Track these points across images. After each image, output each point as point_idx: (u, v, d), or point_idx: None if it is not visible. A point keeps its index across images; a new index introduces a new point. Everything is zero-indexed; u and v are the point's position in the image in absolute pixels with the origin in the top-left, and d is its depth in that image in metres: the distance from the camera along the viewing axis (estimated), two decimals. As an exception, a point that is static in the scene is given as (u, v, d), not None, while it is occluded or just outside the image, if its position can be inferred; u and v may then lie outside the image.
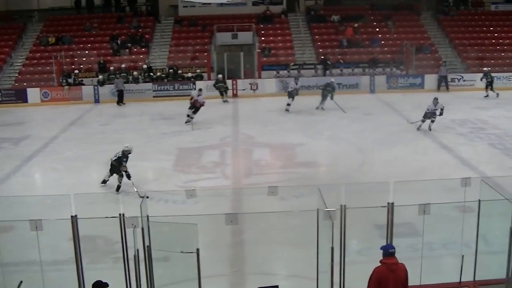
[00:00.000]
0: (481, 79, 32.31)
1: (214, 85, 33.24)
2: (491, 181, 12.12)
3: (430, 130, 24.21)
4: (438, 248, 12.36)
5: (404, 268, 8.66)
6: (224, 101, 32.78)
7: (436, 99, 24.38)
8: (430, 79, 34.50)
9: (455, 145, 22.09)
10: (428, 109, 24.21)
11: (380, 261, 8.59)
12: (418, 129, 24.44)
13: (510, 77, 34.86)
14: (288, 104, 29.15)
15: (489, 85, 32.05)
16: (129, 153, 17.54)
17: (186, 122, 26.67)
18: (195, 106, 26.85)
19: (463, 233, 10.53)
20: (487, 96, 31.94)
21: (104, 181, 17.93)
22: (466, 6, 42.14)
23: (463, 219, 10.52)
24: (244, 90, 34.34)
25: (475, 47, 37.24)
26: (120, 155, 17.41)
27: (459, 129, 24.45)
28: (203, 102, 27.00)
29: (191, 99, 27.23)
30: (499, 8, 41.53)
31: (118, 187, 17.33)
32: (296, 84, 29.75)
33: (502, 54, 37.19)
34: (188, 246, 8.40)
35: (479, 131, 24.16)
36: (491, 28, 39.56)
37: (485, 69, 33.04)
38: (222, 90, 32.91)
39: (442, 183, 14.20)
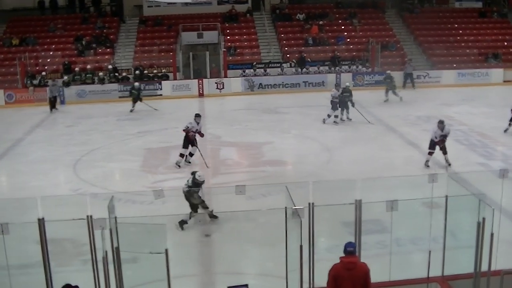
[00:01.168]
0: (383, 81, 31.40)
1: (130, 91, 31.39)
2: (458, 177, 12.23)
3: (449, 165, 19.07)
4: (406, 244, 12.43)
5: (364, 268, 8.64)
6: (131, 111, 29.96)
7: (441, 122, 19.22)
8: (396, 76, 34.68)
9: (421, 142, 22.19)
10: (435, 137, 19.09)
11: (340, 259, 8.60)
12: (427, 165, 19.19)
13: (475, 73, 35.22)
14: (336, 116, 26.10)
15: (391, 88, 30.55)
16: (202, 183, 14.47)
17: (177, 164, 20.16)
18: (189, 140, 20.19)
19: (431, 228, 10.57)
20: (387, 100, 30.60)
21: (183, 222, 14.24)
22: (431, 3, 42.55)
23: (430, 215, 10.56)
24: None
25: (440, 44, 37.59)
26: (190, 184, 14.40)
27: (425, 126, 24.59)
28: (196, 132, 20.37)
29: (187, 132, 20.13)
30: (463, 5, 42.02)
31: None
32: (338, 90, 26.46)
33: (467, 50, 37.55)
34: (157, 247, 8.32)
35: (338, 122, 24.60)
36: (456, 25, 39.97)
37: (387, 71, 32.16)
38: (134, 97, 30.24)
39: (409, 179, 14.29)
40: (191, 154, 20.24)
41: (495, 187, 12.05)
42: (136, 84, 30.96)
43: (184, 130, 19.99)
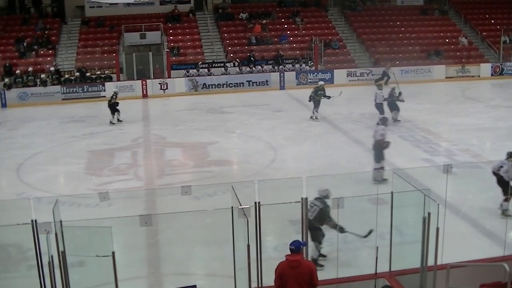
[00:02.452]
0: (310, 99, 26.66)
1: None
2: (403, 173, 12.31)
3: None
4: (353, 241, 12.44)
5: (308, 266, 8.65)
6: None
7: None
8: (340, 74, 34.94)
9: (366, 139, 22.32)
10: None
11: (285, 257, 8.60)
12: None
13: (418, 70, 35.72)
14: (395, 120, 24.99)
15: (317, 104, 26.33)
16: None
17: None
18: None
19: (377, 225, 10.62)
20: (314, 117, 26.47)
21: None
22: (373, 1, 42.94)
23: (376, 211, 10.60)
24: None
25: (383, 42, 37.98)
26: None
27: (369, 123, 24.78)
28: None
29: None
30: (405, 2, 42.60)
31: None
32: (382, 93, 25.12)
33: (410, 48, 38.03)
34: (103, 250, 8.18)
35: (389, 124, 24.58)
36: (398, 23, 40.45)
37: (320, 82, 27.72)
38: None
39: (354, 176, 14.35)
40: None
41: (440, 182, 12.19)
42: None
43: None
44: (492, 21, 41.60)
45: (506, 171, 14.95)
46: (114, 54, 36.08)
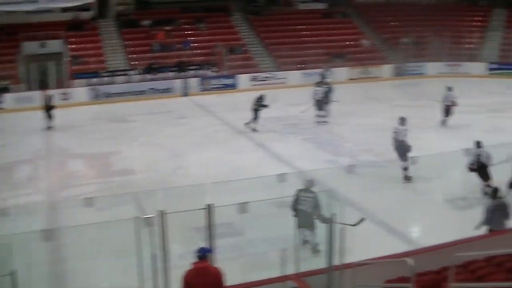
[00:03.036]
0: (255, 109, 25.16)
1: None
2: (306, 175, 12.41)
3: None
4: (260, 245, 12.47)
5: (216, 272, 8.59)
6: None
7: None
8: (243, 79, 35.02)
9: (270, 142, 22.55)
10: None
11: (192, 264, 8.52)
12: None
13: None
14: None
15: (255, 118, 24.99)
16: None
17: None
18: None
19: (282, 228, 10.66)
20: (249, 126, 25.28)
21: None
22: (276, 5, 43.21)
23: (281, 214, 10.65)
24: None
25: (286, 46, 38.25)
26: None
27: (272, 126, 24.95)
28: None
29: None
30: (308, 6, 43.03)
31: None
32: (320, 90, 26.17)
33: (313, 51, 38.42)
34: (3, 268, 7.87)
35: (292, 127, 24.81)
36: (301, 26, 40.86)
37: (261, 93, 26.20)
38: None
39: (259, 180, 14.35)
40: None
41: (344, 183, 12.37)
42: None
43: None
44: (393, 23, 42.58)
45: (488, 157, 16.18)
46: (12, 64, 34.99)
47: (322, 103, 25.99)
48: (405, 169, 17.69)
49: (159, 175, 19.26)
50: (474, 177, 16.46)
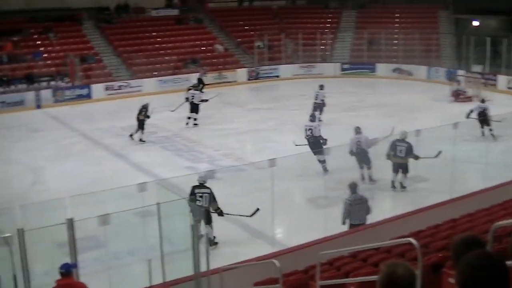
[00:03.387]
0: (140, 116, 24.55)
1: None
2: (167, 183, 12.40)
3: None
4: (125, 256, 12.32)
5: (83, 287, 8.47)
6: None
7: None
8: (97, 89, 34.35)
9: (128, 152, 22.30)
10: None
11: (56, 282, 8.33)
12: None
13: (176, 79, 35.97)
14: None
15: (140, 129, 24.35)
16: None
17: None
18: None
19: (146, 237, 10.58)
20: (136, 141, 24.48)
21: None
22: (128, 13, 42.68)
23: (145, 224, 10.56)
24: None
25: (140, 53, 37.92)
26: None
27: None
28: None
29: None
30: (160, 13, 42.76)
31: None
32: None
33: (167, 58, 38.31)
34: None
35: (150, 135, 24.61)
36: (154, 33, 40.61)
37: (146, 101, 25.56)
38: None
39: (119, 191, 14.14)
40: None
41: (205, 189, 12.40)
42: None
43: None
44: (246, 27, 43.22)
45: (367, 142, 17.98)
46: None
47: (195, 106, 26.36)
48: (323, 161, 18.59)
49: (15, 191, 18.52)
50: (334, 175, 17.04)
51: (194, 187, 13.81)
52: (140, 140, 23.93)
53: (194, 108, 26.31)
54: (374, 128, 24.42)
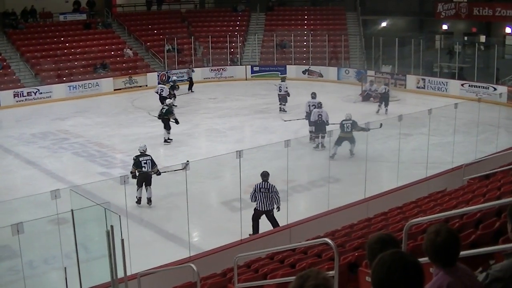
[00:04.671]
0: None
1: None
2: (81, 189, 12.25)
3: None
4: (40, 265, 12.12)
5: None
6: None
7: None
8: (5, 96, 33.45)
9: (40, 159, 21.87)
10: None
11: None
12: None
13: (85, 84, 35.44)
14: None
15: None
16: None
17: None
18: None
19: (62, 245, 10.45)
20: None
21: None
22: (35, 18, 41.72)
23: (59, 232, 10.43)
24: None
25: (48, 59, 37.15)
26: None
27: (41, 143, 24.23)
28: None
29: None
30: (68, 18, 41.98)
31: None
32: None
33: (76, 63, 37.68)
34: None
35: (62, 142, 24.25)
36: (62, 38, 39.84)
37: (168, 102, 25.99)
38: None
39: (32, 199, 13.90)
40: None
41: (119, 194, 12.34)
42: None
43: None
44: (155, 31, 42.95)
45: (326, 116, 22.00)
46: None
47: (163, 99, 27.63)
48: (323, 138, 22.03)
49: None
50: (248, 177, 17.18)
51: (138, 156, 17.11)
52: (165, 140, 23.98)
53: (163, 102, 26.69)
54: (283, 130, 24.91)
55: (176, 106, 28.99)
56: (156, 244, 14.41)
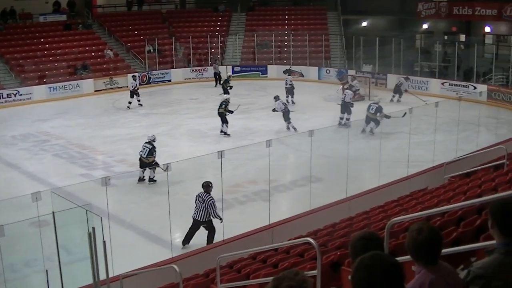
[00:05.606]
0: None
1: None
2: (62, 191, 12.19)
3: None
4: (21, 268, 12.04)
5: None
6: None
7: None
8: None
9: (20, 161, 21.73)
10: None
11: None
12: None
13: (66, 86, 35.15)
14: None
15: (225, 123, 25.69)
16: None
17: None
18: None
19: (43, 248, 10.38)
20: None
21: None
22: (14, 19, 41.37)
23: (40, 234, 10.37)
24: None
25: (28, 60, 36.86)
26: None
27: (22, 145, 24.07)
28: None
29: None
30: (48, 19, 41.67)
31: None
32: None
33: (56, 64, 37.40)
34: None
35: (42, 144, 24.11)
36: (42, 40, 39.57)
37: (225, 97, 26.75)
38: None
39: (12, 201, 13.80)
40: None
41: (100, 196, 12.28)
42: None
43: None
44: (136, 32, 42.78)
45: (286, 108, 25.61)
46: None
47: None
48: (348, 119, 25.05)
49: None
50: (230, 178, 17.17)
51: (147, 143, 19.16)
52: (225, 133, 24.87)
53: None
54: (266, 129, 24.92)
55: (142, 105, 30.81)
56: (138, 246, 14.37)
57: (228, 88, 31.76)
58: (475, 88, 31.14)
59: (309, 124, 22.39)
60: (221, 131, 24.87)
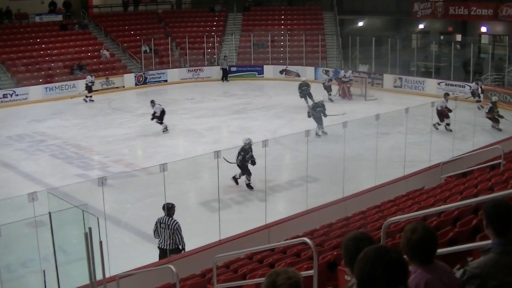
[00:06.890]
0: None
1: None
2: (58, 192, 12.18)
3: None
4: (18, 269, 12.03)
5: None
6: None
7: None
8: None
9: (17, 161, 21.70)
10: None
11: None
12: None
13: (62, 86, 35.05)
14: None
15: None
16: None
17: None
18: None
19: (39, 248, 10.37)
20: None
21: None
22: (10, 19, 41.30)
23: (37, 235, 10.35)
24: None
25: (24, 60, 36.81)
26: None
27: (18, 145, 24.03)
28: None
29: None
30: (44, 19, 41.63)
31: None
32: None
33: (52, 64, 37.32)
34: None
35: (39, 144, 24.08)
36: (38, 40, 39.52)
37: (319, 98, 25.99)
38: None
39: (8, 202, 13.80)
40: None
41: (97, 196, 12.27)
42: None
43: None
44: (132, 32, 42.75)
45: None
46: None
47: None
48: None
49: None
50: (227, 178, 17.18)
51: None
52: (308, 113, 24.98)
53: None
54: (261, 130, 24.93)
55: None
56: (135, 246, 14.37)
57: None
58: (471, 88, 31.18)
59: (306, 124, 22.37)
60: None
